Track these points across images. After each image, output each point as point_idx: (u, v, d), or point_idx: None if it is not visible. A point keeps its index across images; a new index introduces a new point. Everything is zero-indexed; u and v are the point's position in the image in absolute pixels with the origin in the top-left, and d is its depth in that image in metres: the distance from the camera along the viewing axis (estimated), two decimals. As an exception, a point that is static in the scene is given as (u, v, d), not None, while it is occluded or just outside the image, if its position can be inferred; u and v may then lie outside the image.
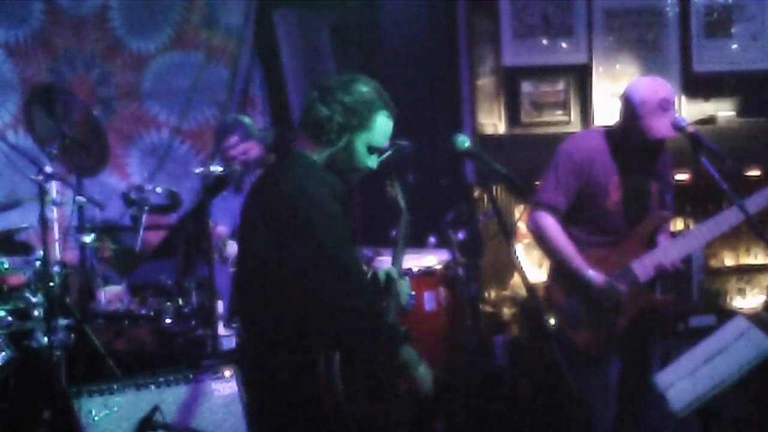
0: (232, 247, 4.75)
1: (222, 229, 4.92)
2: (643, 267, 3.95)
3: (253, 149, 4.76)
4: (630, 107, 3.93)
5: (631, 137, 3.96)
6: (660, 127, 3.86)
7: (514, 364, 5.07)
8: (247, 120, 4.82)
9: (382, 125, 2.91)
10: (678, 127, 3.83)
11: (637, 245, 4.01)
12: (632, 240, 4.02)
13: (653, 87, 3.94)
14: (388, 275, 3.18)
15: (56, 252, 4.65)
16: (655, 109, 3.86)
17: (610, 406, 4.12)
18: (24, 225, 4.90)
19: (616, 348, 4.05)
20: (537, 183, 4.15)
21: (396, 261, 3.26)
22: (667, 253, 3.96)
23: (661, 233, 4.10)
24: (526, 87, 5.68)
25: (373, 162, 2.95)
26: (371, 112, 2.88)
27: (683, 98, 5.76)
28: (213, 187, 4.42)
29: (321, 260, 2.77)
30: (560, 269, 4.07)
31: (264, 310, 2.92)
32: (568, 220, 4.05)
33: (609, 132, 4.09)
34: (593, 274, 3.93)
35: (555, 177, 4.03)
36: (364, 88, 2.90)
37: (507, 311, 5.38)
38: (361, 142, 2.89)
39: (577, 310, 3.99)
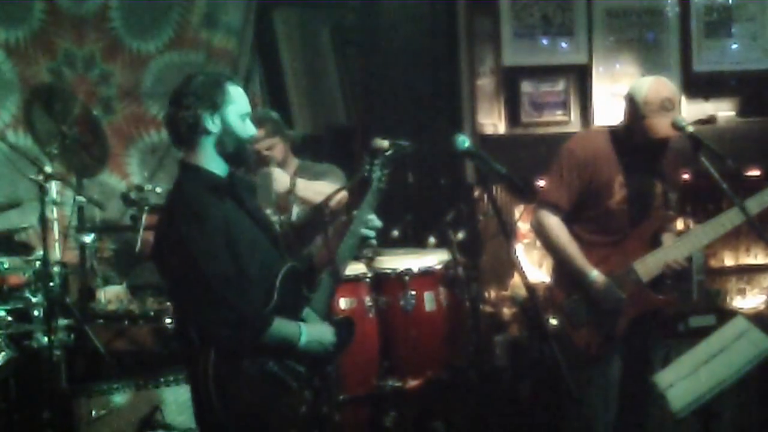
0: None
1: None
2: (646, 266, 3.95)
3: (278, 147, 4.49)
4: (633, 107, 3.92)
5: (634, 137, 3.96)
6: (662, 126, 3.85)
7: (514, 364, 5.07)
8: (275, 115, 4.62)
9: (237, 92, 3.13)
10: (678, 127, 3.83)
11: (639, 245, 4.00)
12: (635, 239, 4.01)
13: (656, 87, 3.93)
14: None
15: (56, 252, 4.65)
16: (658, 109, 3.86)
17: (610, 406, 4.11)
18: (24, 225, 4.90)
19: (616, 348, 4.04)
20: (537, 183, 4.15)
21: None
22: (669, 252, 3.96)
23: (665, 233, 4.10)
24: (526, 87, 5.66)
25: (251, 128, 3.15)
26: (221, 86, 3.08)
27: (683, 98, 5.75)
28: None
29: (187, 269, 2.95)
30: (562, 268, 4.07)
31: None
32: (572, 219, 4.04)
33: (613, 131, 4.08)
34: (595, 275, 3.93)
35: (558, 176, 4.02)
36: (200, 77, 3.12)
37: (507, 311, 5.37)
38: (231, 116, 3.09)
39: (578, 310, 3.99)
